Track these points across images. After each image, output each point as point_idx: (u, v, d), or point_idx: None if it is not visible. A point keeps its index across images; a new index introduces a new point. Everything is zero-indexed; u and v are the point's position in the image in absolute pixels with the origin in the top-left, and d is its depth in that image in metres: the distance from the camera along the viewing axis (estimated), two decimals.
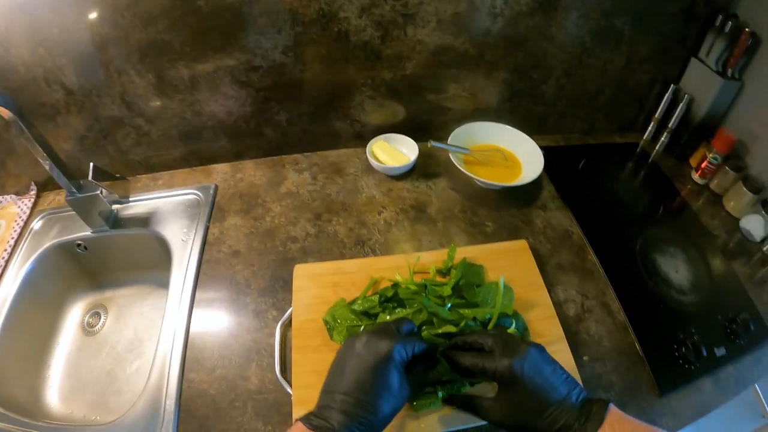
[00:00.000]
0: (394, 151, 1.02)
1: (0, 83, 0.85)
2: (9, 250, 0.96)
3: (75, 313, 1.02)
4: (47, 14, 0.78)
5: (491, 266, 0.80)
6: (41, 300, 0.96)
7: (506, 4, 0.86)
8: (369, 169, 1.03)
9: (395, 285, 0.75)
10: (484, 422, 0.59)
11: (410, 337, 0.57)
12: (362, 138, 1.06)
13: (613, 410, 0.49)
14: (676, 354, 0.72)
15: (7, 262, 0.95)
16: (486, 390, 0.63)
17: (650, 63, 1.00)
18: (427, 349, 0.58)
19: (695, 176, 1.02)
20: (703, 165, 0.99)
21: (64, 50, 0.82)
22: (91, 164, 0.83)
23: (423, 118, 1.05)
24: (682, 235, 0.92)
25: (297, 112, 1.00)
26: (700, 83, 0.99)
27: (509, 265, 0.80)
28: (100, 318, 1.01)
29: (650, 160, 1.08)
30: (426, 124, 1.06)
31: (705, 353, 0.72)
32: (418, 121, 1.05)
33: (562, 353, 0.69)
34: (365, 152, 1.01)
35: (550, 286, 0.80)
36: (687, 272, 0.85)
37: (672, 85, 1.03)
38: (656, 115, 1.08)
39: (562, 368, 0.54)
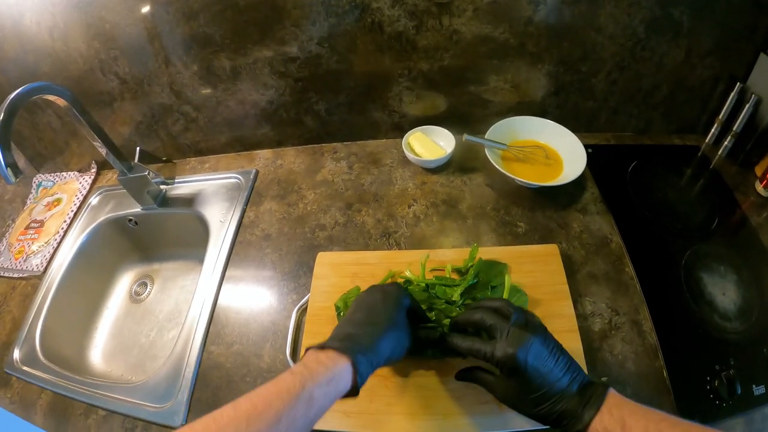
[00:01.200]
0: (432, 144, 1.01)
1: (62, 73, 0.94)
2: (68, 221, 1.07)
3: (124, 282, 1.11)
4: (100, 11, 0.85)
5: (516, 270, 0.77)
6: (94, 268, 1.06)
7: None
8: (405, 160, 1.02)
9: (407, 282, 0.75)
10: None
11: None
12: (401, 129, 1.05)
13: (612, 394, 0.48)
14: (708, 387, 0.65)
15: (66, 231, 1.05)
16: None
17: (713, 58, 0.90)
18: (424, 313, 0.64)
19: (759, 187, 0.91)
20: None
21: (117, 43, 0.90)
22: (138, 148, 0.89)
23: (463, 110, 1.02)
24: (737, 253, 0.83)
25: (335, 102, 1.01)
26: None
27: (535, 270, 0.77)
28: (146, 288, 1.09)
29: (711, 167, 0.98)
30: (466, 116, 1.03)
31: (740, 390, 0.64)
32: (458, 114, 1.03)
33: None
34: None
35: (577, 296, 0.76)
36: (735, 296, 0.76)
37: (738, 83, 0.92)
38: (720, 117, 0.97)
39: (564, 355, 0.53)
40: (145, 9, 0.86)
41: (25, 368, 0.84)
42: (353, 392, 0.50)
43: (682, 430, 0.43)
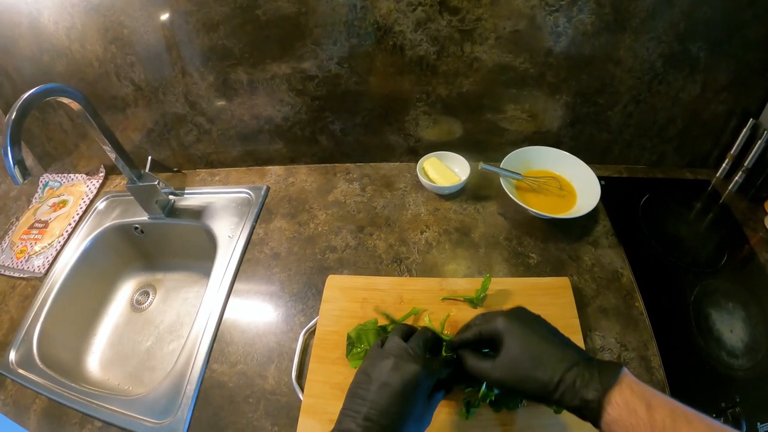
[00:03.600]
0: (446, 170, 1.00)
1: (77, 75, 0.93)
2: (73, 224, 1.06)
3: (126, 290, 1.10)
4: (119, 15, 0.84)
5: (527, 302, 0.74)
6: (97, 273, 1.05)
7: (570, 23, 0.81)
8: (419, 185, 1.02)
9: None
10: None
11: (435, 363, 0.56)
12: (416, 153, 1.05)
13: (628, 372, 0.45)
14: None
15: (70, 235, 1.04)
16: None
17: (727, 93, 0.91)
18: (450, 374, 0.56)
19: None
20: None
21: (134, 49, 0.89)
22: (149, 158, 0.89)
23: (479, 137, 1.02)
24: (745, 289, 0.83)
25: (351, 123, 1.01)
26: None
27: (547, 303, 0.76)
28: (148, 297, 1.08)
29: (721, 201, 0.98)
30: (482, 144, 1.03)
31: (745, 427, 0.64)
32: (474, 141, 1.02)
33: None
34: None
35: (587, 330, 0.75)
36: (743, 333, 0.77)
37: (751, 119, 0.92)
38: (732, 152, 0.97)
39: (558, 332, 0.52)
40: (165, 17, 0.85)
41: (20, 371, 0.83)
42: None
43: (707, 423, 0.40)
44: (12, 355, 0.85)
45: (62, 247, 1.03)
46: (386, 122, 1.00)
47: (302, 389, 0.71)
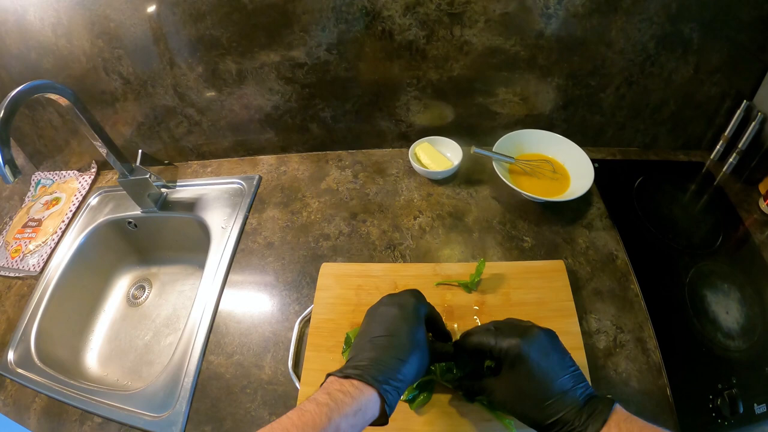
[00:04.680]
0: (438, 155, 1.00)
1: (64, 71, 0.92)
2: (66, 221, 1.05)
3: (122, 285, 1.10)
4: (105, 9, 0.83)
5: (522, 285, 0.76)
6: (92, 269, 1.04)
7: (560, 5, 0.80)
8: (411, 171, 1.01)
9: None
10: None
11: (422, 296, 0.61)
12: (408, 139, 1.04)
13: (619, 409, 0.47)
14: (710, 405, 0.66)
15: (64, 232, 1.03)
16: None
17: (721, 75, 0.90)
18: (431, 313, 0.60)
19: (763, 205, 0.91)
20: None
21: (121, 43, 0.88)
22: (140, 151, 0.88)
23: (471, 121, 1.01)
24: (740, 271, 0.83)
25: (342, 110, 1.00)
26: None
27: (541, 287, 0.76)
28: (144, 291, 1.08)
29: (715, 183, 0.98)
30: (474, 128, 1.02)
31: (742, 408, 0.64)
32: (466, 125, 1.02)
33: None
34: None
35: (582, 313, 0.75)
36: (738, 314, 0.77)
37: (744, 101, 0.92)
38: (725, 134, 0.97)
39: (571, 360, 0.52)
40: (151, 9, 0.84)
41: (19, 370, 0.82)
42: (381, 421, 0.49)
43: None
44: (10, 355, 0.85)
45: (56, 244, 1.02)
46: (377, 108, 0.99)
47: (299, 378, 0.71)
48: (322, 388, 0.48)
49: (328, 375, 0.50)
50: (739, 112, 0.93)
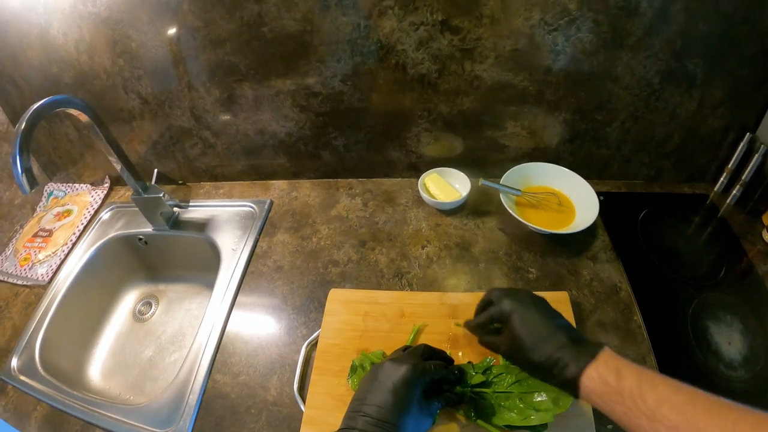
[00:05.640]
0: (447, 186, 1.02)
1: (84, 86, 0.95)
2: (77, 233, 1.07)
3: (129, 300, 1.11)
4: (127, 29, 0.86)
5: None
6: (100, 283, 1.06)
7: (568, 42, 0.83)
8: (420, 201, 1.03)
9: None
10: None
11: (430, 362, 0.60)
12: (417, 169, 1.06)
13: (608, 349, 0.52)
14: None
15: (74, 244, 1.05)
16: None
17: (724, 108, 0.92)
18: (447, 375, 0.61)
19: (766, 236, 0.93)
20: None
21: (141, 63, 0.91)
22: (155, 170, 0.90)
23: (479, 154, 1.03)
24: (743, 302, 0.84)
25: (354, 139, 1.02)
26: None
27: None
28: (151, 307, 1.09)
29: (719, 215, 1.00)
30: (482, 160, 1.04)
31: None
32: (474, 157, 1.04)
33: (585, 428, 0.64)
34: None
35: None
36: (741, 345, 0.77)
37: (748, 133, 0.94)
38: (729, 166, 0.99)
39: (560, 315, 0.61)
40: (173, 32, 0.87)
41: (22, 378, 0.83)
42: None
43: (671, 385, 0.46)
44: (14, 362, 0.86)
45: (66, 256, 1.04)
46: (388, 139, 1.01)
47: (304, 401, 0.71)
48: None
49: None
50: (742, 144, 0.95)
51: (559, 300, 0.80)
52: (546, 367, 0.54)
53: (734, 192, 0.99)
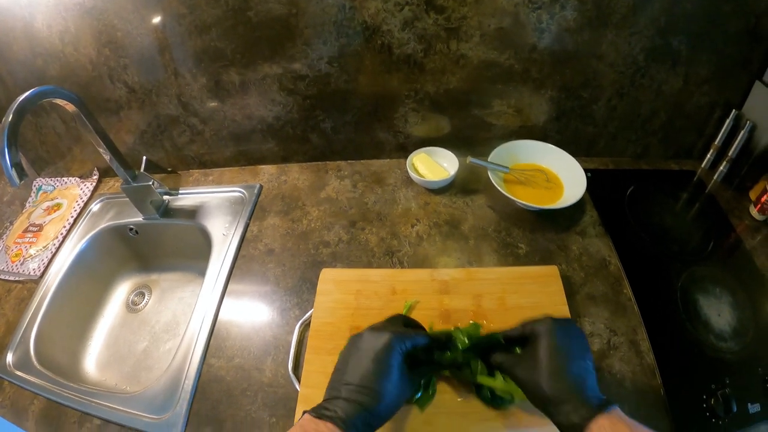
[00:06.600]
0: (435, 165, 1.02)
1: (70, 78, 0.94)
2: (68, 227, 1.06)
3: (122, 291, 1.11)
4: (112, 19, 0.85)
5: (517, 290, 0.78)
6: (92, 275, 1.05)
7: (553, 20, 0.83)
8: (409, 180, 1.04)
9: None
10: None
11: (410, 330, 0.60)
12: (405, 149, 1.06)
13: (617, 410, 0.48)
14: (704, 405, 0.67)
15: (65, 237, 1.04)
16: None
17: (710, 85, 0.93)
18: (428, 341, 0.60)
19: (753, 211, 0.94)
20: (763, 199, 0.91)
21: (127, 52, 0.90)
22: (144, 158, 0.90)
23: (467, 133, 1.04)
24: (732, 275, 0.85)
25: (342, 121, 1.03)
26: (764, 109, 0.91)
27: (536, 291, 0.78)
28: (144, 297, 1.09)
29: (706, 191, 1.01)
30: (470, 139, 1.05)
31: (735, 408, 0.66)
32: (462, 136, 1.04)
33: None
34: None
35: (576, 317, 0.77)
36: (730, 317, 0.79)
37: (734, 110, 0.95)
38: (716, 142, 1.00)
39: (591, 358, 0.55)
40: (158, 20, 0.87)
41: (18, 373, 0.83)
42: None
43: None
44: (9, 358, 0.85)
45: (57, 249, 1.03)
46: (376, 120, 1.02)
47: (299, 380, 0.72)
48: (299, 426, 0.50)
49: (304, 412, 0.52)
50: (728, 121, 0.96)
51: (548, 274, 0.81)
52: (555, 402, 0.50)
53: (721, 168, 1.00)
